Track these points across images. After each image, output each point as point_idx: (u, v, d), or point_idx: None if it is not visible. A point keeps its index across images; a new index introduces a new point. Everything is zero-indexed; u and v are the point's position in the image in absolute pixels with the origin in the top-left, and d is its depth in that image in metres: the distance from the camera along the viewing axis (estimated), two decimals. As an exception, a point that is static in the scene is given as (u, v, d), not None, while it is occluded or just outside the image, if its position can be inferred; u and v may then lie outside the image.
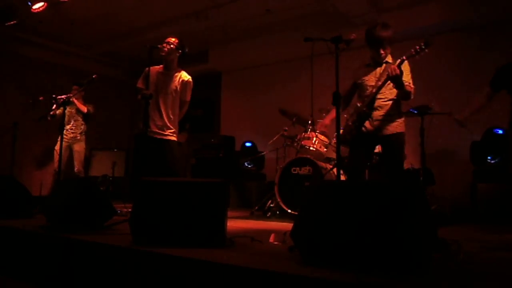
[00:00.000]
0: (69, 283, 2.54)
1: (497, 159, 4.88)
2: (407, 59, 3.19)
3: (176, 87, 4.12)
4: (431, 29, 5.86)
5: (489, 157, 4.94)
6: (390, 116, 3.39)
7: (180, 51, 4.11)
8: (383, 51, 3.37)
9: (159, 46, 3.95)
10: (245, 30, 6.98)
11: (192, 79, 4.23)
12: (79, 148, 5.88)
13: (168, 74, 4.14)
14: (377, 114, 3.40)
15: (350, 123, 3.58)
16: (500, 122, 5.11)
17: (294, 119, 5.54)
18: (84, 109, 5.91)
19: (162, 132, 4.05)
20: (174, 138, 4.11)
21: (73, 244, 2.60)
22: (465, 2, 5.49)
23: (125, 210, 4.25)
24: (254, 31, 6.99)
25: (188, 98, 4.20)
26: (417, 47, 3.10)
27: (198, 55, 8.17)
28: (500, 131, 4.97)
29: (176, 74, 4.16)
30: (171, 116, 4.11)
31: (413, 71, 3.43)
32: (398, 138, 3.41)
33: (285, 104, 6.34)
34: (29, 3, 5.76)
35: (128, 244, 2.40)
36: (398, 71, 3.11)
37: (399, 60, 3.28)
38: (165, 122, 4.06)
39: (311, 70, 3.55)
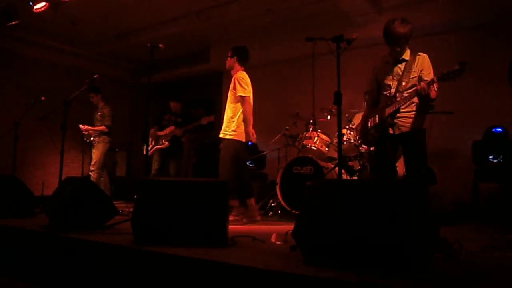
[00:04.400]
0: (71, 283, 2.54)
1: (499, 159, 4.88)
2: (437, 81, 3.05)
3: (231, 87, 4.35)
4: (435, 28, 5.85)
5: (490, 157, 4.92)
6: (411, 113, 3.33)
7: (235, 57, 4.39)
8: (399, 48, 3.25)
9: (160, 45, 3.97)
10: (246, 29, 6.98)
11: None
12: (95, 150, 6.02)
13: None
14: (398, 115, 3.34)
15: (369, 127, 3.54)
16: (499, 120, 5.12)
17: (295, 121, 5.57)
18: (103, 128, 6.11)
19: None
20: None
21: (75, 243, 2.60)
22: (467, 1, 5.48)
23: (127, 209, 4.26)
24: (255, 30, 6.99)
25: (240, 92, 4.25)
26: (450, 70, 2.96)
27: (200, 54, 8.17)
28: (499, 130, 4.97)
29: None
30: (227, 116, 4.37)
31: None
32: (419, 134, 3.32)
33: (286, 104, 6.34)
34: (31, 3, 5.77)
35: (130, 243, 2.40)
36: (428, 91, 3.04)
37: (422, 58, 3.26)
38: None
39: (312, 70, 3.55)
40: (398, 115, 3.32)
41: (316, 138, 5.05)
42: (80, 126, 5.97)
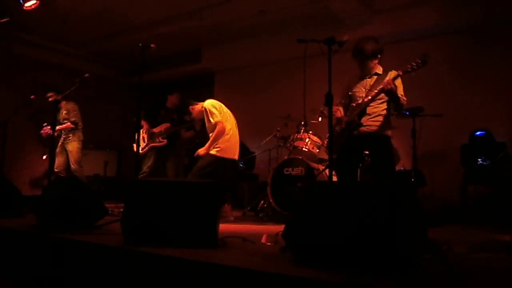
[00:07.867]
0: (60, 283, 2.52)
1: (486, 161, 4.94)
2: (403, 74, 3.17)
3: None
4: (425, 31, 5.89)
5: (478, 159, 4.99)
6: (378, 117, 3.42)
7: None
8: (368, 62, 3.41)
9: (151, 45, 3.97)
10: (238, 30, 6.98)
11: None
12: (71, 147, 5.83)
13: None
14: (366, 119, 3.43)
15: (338, 131, 3.59)
16: (486, 123, 5.21)
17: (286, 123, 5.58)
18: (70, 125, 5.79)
19: None
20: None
21: (64, 243, 2.58)
22: (460, 5, 5.53)
23: (117, 210, 4.23)
24: (247, 31, 6.99)
25: (212, 121, 4.69)
26: (414, 64, 3.09)
27: (191, 55, 8.15)
28: (482, 133, 5.05)
29: None
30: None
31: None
32: (385, 139, 3.42)
33: (278, 105, 6.35)
34: (21, 1, 5.70)
35: (120, 244, 2.39)
36: (392, 85, 3.15)
37: (393, 74, 3.30)
38: None
39: (303, 71, 3.56)
40: (368, 123, 3.41)
41: (307, 139, 5.06)
42: (42, 132, 5.57)
